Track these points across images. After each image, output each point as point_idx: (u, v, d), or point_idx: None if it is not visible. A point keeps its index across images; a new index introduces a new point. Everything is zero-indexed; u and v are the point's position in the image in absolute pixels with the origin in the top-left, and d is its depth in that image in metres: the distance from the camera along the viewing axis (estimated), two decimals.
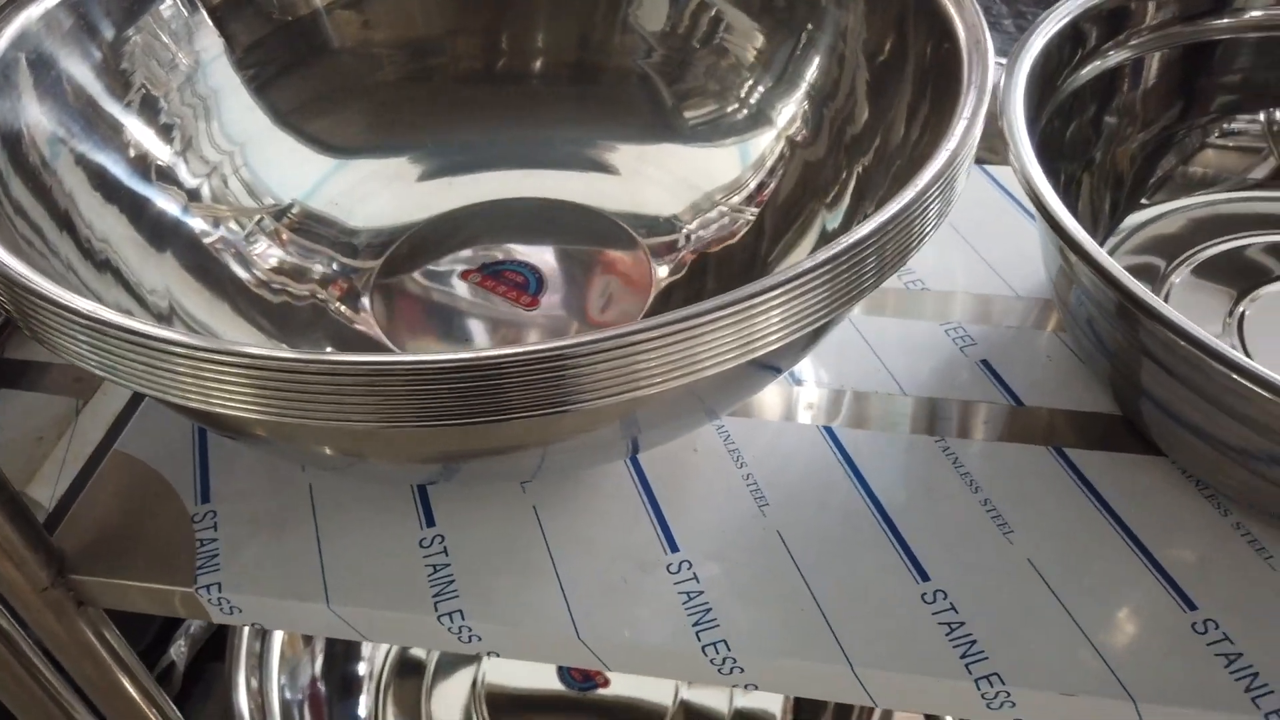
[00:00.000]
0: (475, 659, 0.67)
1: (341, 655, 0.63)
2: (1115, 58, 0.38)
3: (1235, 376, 0.27)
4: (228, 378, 0.24)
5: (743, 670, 0.31)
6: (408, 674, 0.65)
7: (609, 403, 0.24)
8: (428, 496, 0.35)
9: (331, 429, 0.27)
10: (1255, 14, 0.38)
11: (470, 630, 0.32)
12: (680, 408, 0.30)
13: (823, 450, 0.37)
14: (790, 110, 0.38)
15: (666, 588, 0.33)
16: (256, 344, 0.35)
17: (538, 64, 0.40)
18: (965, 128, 0.29)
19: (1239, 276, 0.41)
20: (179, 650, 0.58)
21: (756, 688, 0.32)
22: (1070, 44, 0.37)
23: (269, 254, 0.37)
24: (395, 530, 0.34)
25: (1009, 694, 0.30)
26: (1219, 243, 0.41)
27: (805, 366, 0.40)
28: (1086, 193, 0.39)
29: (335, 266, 0.39)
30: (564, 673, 0.66)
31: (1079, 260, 0.30)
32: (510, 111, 0.40)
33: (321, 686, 0.60)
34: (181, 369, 0.24)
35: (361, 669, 0.64)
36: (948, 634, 0.31)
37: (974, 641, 0.31)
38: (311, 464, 0.35)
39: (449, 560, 0.34)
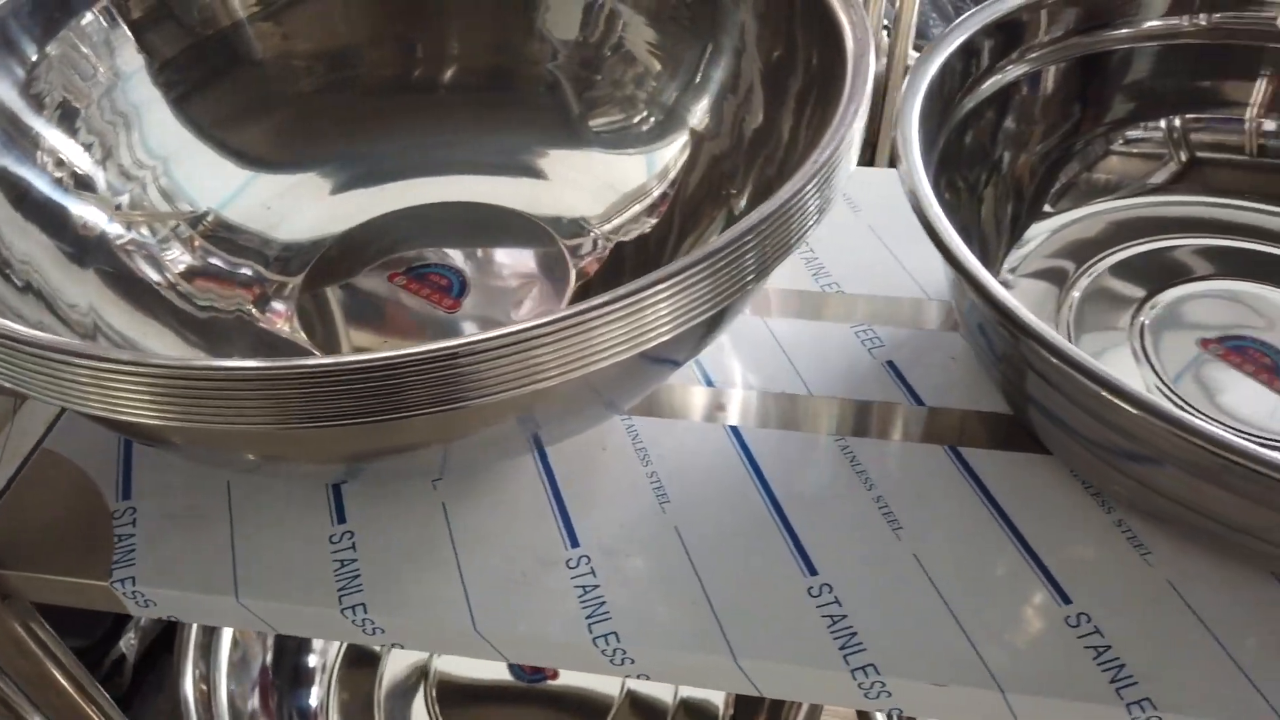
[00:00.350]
0: (427, 652, 0.68)
1: (294, 647, 0.65)
2: (1014, 71, 0.39)
3: (1095, 388, 0.28)
4: (130, 386, 0.25)
5: (633, 661, 0.33)
6: (360, 665, 0.67)
7: (504, 398, 0.25)
8: (341, 495, 0.37)
9: (233, 432, 0.28)
10: (1153, 24, 0.39)
11: (373, 623, 0.33)
12: (578, 402, 0.31)
13: (727, 449, 0.38)
14: (700, 110, 0.39)
15: (564, 582, 0.34)
16: (160, 353, 0.36)
17: (451, 72, 0.41)
18: (840, 133, 0.30)
19: (1147, 279, 0.42)
20: (129, 643, 0.59)
21: (649, 678, 0.33)
22: (970, 59, 0.38)
23: (182, 260, 0.38)
24: (307, 527, 0.36)
25: (884, 684, 0.31)
26: (1126, 247, 0.42)
27: (716, 367, 0.41)
28: (990, 203, 0.40)
29: (260, 277, 0.40)
30: (514, 664, 0.67)
31: (956, 274, 0.31)
32: (430, 119, 0.42)
33: (271, 677, 0.61)
34: (84, 378, 0.25)
35: (313, 660, 0.65)
36: (830, 626, 0.32)
37: (854, 633, 0.32)
38: (223, 466, 0.36)
39: (356, 556, 0.35)
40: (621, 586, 0.34)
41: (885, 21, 0.88)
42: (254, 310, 0.40)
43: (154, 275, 0.37)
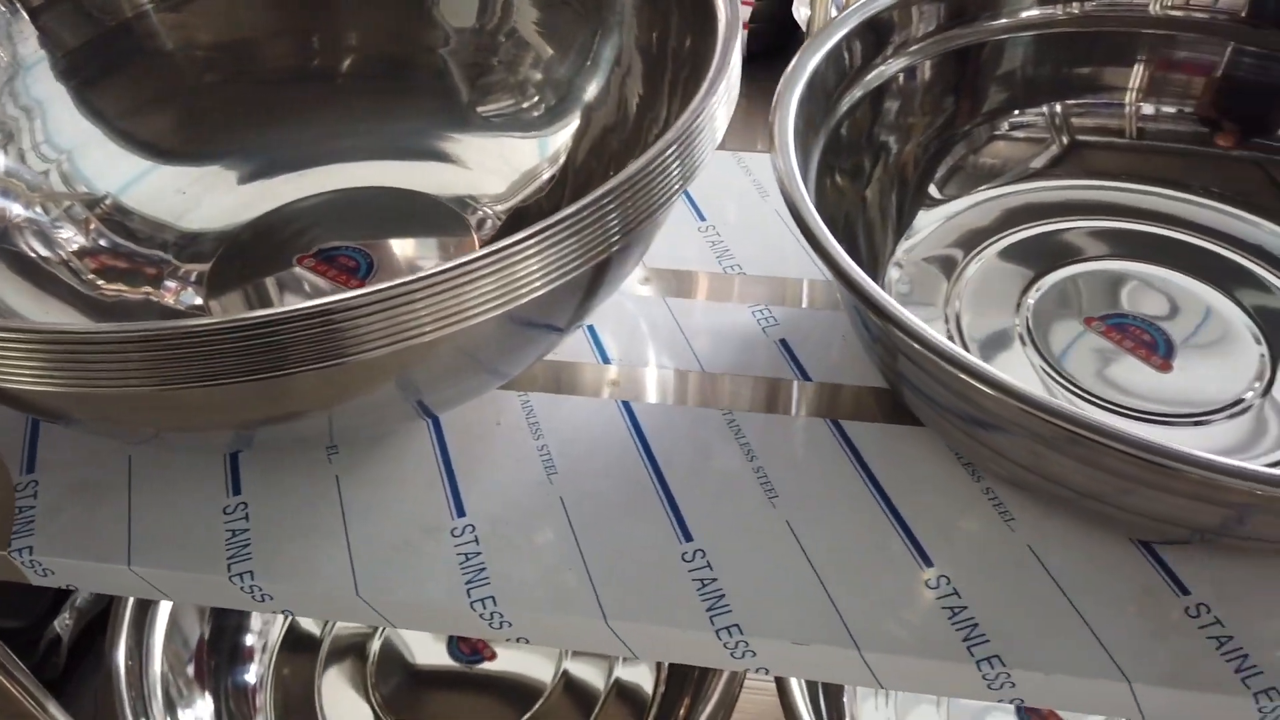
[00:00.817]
0: (369, 634, 0.69)
1: (233, 626, 0.66)
2: (895, 64, 0.40)
3: (946, 366, 0.29)
4: (12, 352, 0.26)
5: (510, 624, 0.34)
6: (300, 648, 0.68)
7: (382, 355, 0.26)
8: (238, 469, 0.38)
9: (115, 396, 0.29)
10: (1030, 14, 0.40)
11: (260, 589, 0.34)
12: (460, 366, 0.32)
13: (618, 423, 0.39)
14: (593, 89, 0.41)
15: (447, 549, 0.35)
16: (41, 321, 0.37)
17: (350, 62, 0.42)
18: (702, 107, 0.31)
19: (1033, 263, 0.43)
20: (64, 623, 0.60)
21: (528, 641, 0.34)
22: (850, 53, 0.39)
23: (76, 240, 0.39)
24: (202, 499, 0.37)
25: (747, 643, 0.33)
26: (1013, 232, 0.43)
27: (614, 345, 0.42)
28: (876, 192, 0.41)
29: (167, 262, 0.41)
30: (453, 646, 0.69)
31: (818, 258, 0.32)
32: (331, 108, 0.43)
33: (208, 654, 0.62)
34: None
35: (251, 640, 0.66)
36: (699, 589, 0.34)
37: (722, 595, 0.33)
38: (118, 438, 0.37)
39: (249, 526, 0.36)
40: (502, 553, 0.35)
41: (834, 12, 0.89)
42: (161, 294, 0.41)
43: (45, 252, 0.37)
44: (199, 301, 0.41)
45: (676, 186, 0.30)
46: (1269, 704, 0.30)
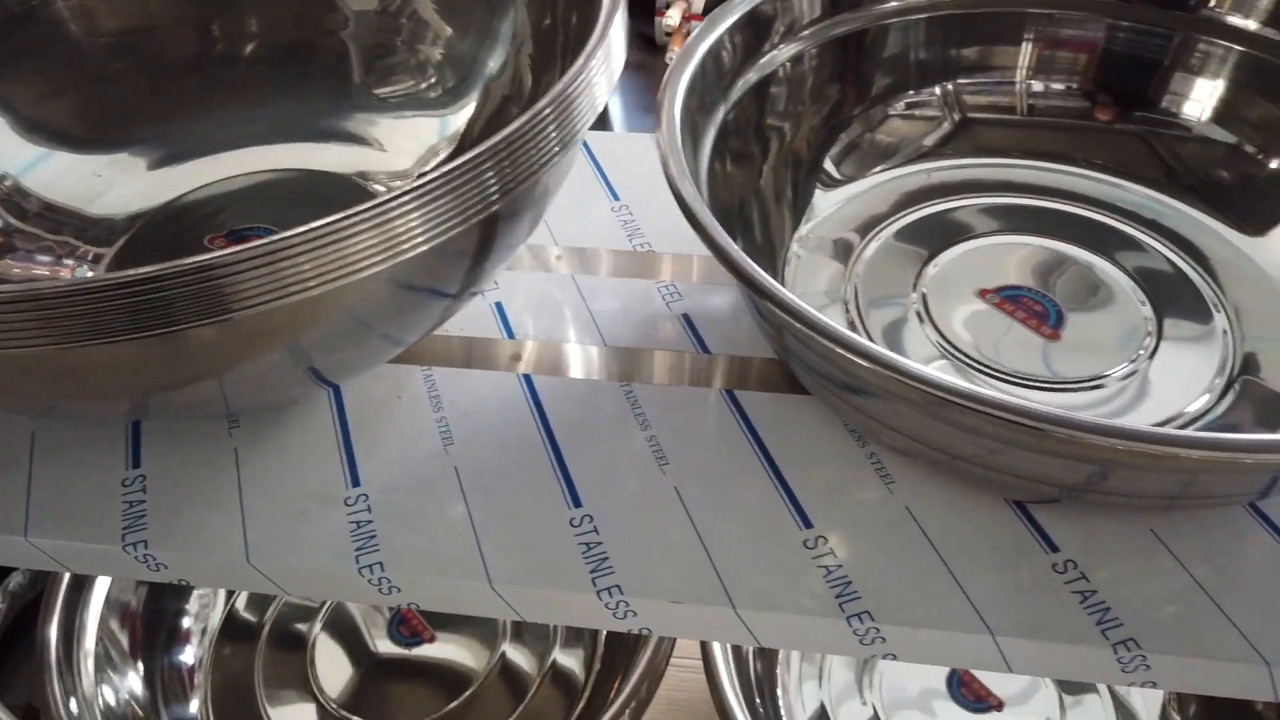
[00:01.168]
0: (310, 620, 0.70)
1: (171, 611, 0.66)
2: (787, 49, 0.41)
3: (815, 335, 0.30)
4: None
5: (399, 589, 0.34)
6: (240, 632, 0.68)
7: (266, 309, 0.26)
8: (139, 442, 0.38)
9: (12, 358, 0.30)
10: None
11: (154, 559, 0.35)
12: (348, 328, 0.33)
13: (517, 396, 0.40)
14: (494, 63, 0.41)
15: (340, 518, 0.36)
16: None
17: (252, 47, 0.43)
18: (578, 74, 0.32)
19: (928, 241, 0.43)
20: None
21: (418, 606, 0.35)
22: (742, 37, 0.40)
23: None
24: (101, 472, 0.37)
25: (628, 603, 0.33)
26: (909, 213, 0.44)
27: (519, 321, 0.43)
28: (771, 175, 0.42)
29: (73, 247, 0.42)
30: (393, 629, 0.69)
31: (695, 231, 0.33)
32: (239, 93, 0.43)
33: (143, 637, 0.63)
34: None
35: (189, 623, 0.66)
36: (584, 552, 0.34)
37: (606, 558, 0.34)
38: (14, 409, 0.38)
39: (146, 498, 0.36)
40: (393, 521, 0.35)
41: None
42: (57, 272, 0.41)
43: None
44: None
45: (556, 150, 0.31)
46: (1127, 654, 0.31)
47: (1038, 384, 0.39)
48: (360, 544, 0.35)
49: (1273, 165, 0.40)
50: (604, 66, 0.33)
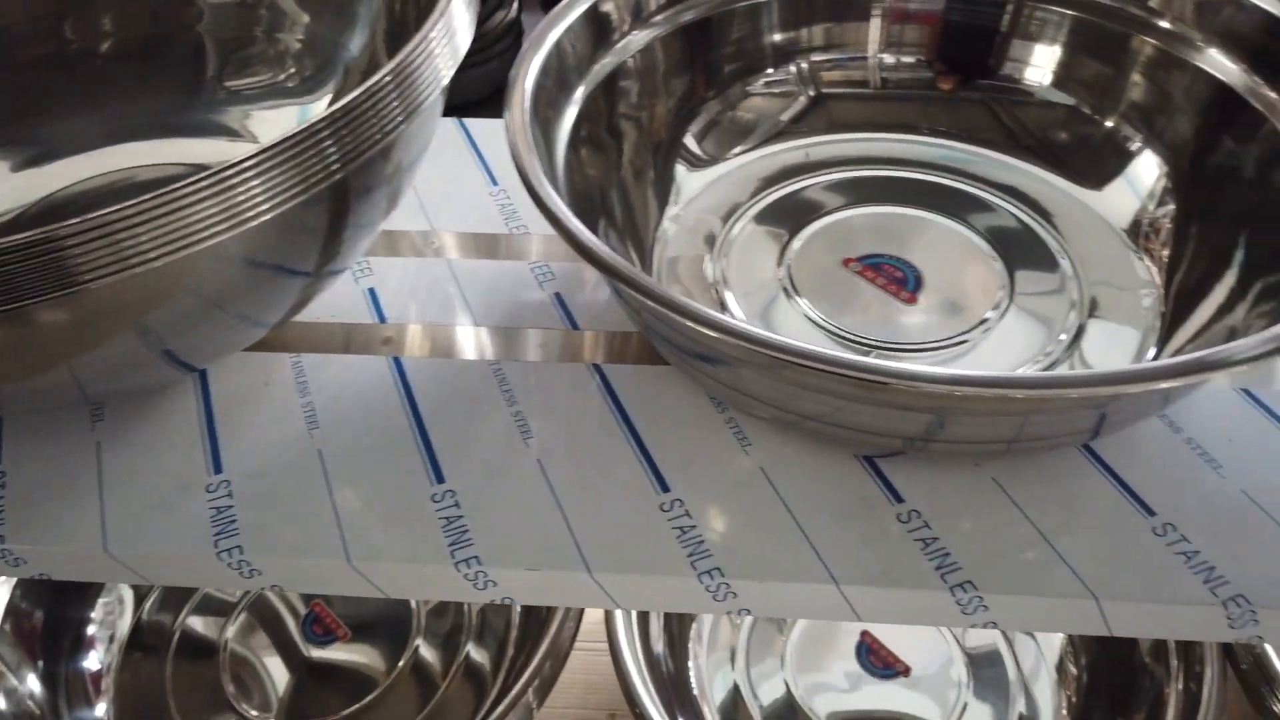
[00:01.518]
0: (222, 622, 0.69)
1: (77, 619, 0.65)
2: (639, 35, 0.41)
3: (653, 305, 0.30)
4: None
5: (260, 572, 0.35)
6: (150, 640, 0.67)
7: (111, 281, 0.26)
8: (0, 439, 0.38)
9: None
10: None
11: (11, 553, 0.35)
12: (200, 308, 0.32)
13: (386, 379, 0.40)
14: (355, 45, 0.42)
15: (200, 505, 0.36)
16: None
17: (109, 45, 0.42)
18: (417, 46, 0.32)
19: (789, 220, 0.44)
20: None
21: (282, 588, 0.35)
22: (601, 19, 0.41)
23: None
24: None
25: (486, 573, 0.34)
26: (769, 194, 0.45)
27: (392, 305, 0.43)
28: (632, 158, 0.42)
29: None
30: (307, 628, 0.69)
31: (541, 211, 0.34)
32: (101, 90, 0.43)
33: (43, 642, 0.62)
34: None
35: (94, 630, 0.66)
36: (445, 526, 0.35)
37: (466, 531, 0.35)
38: None
39: (4, 494, 0.36)
40: (255, 506, 0.35)
41: None
42: None
43: None
44: None
45: (400, 120, 0.31)
46: (964, 596, 0.33)
47: (902, 348, 0.41)
48: (220, 529, 0.35)
49: (1108, 124, 0.42)
50: (446, 40, 0.33)
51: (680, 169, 0.44)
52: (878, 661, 0.68)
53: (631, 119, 0.42)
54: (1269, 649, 0.58)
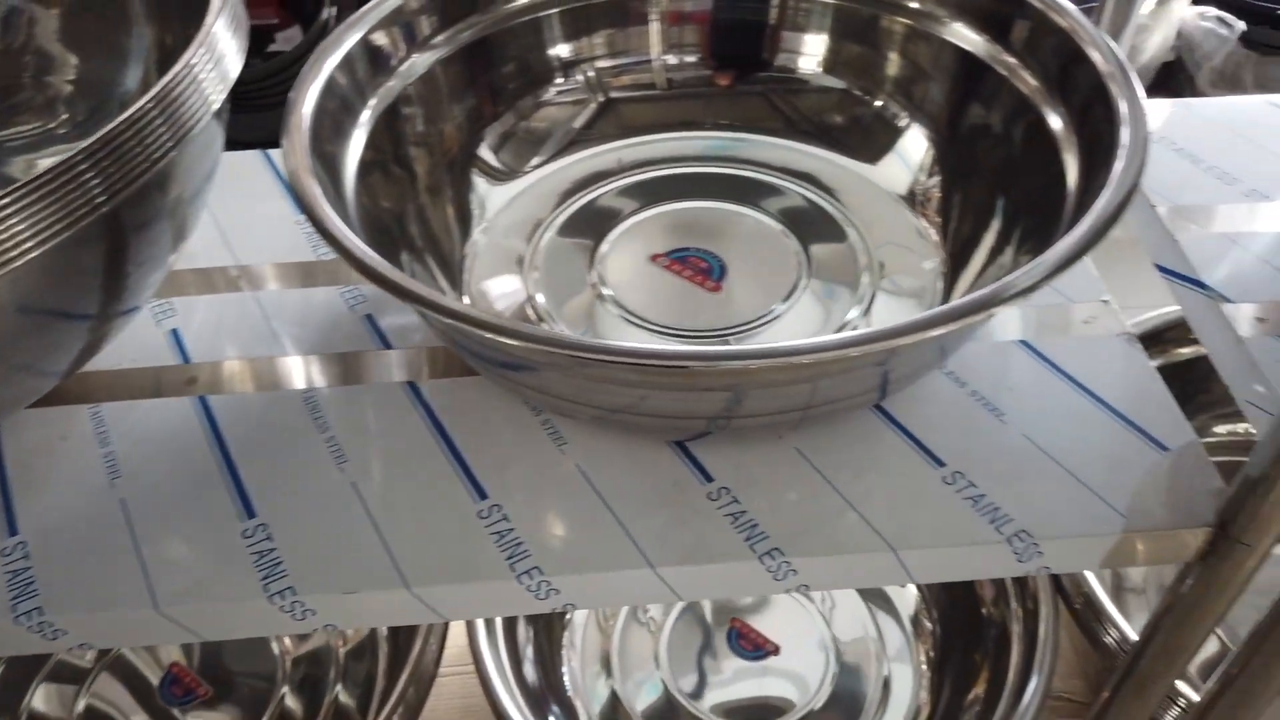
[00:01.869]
0: (75, 692, 0.66)
1: None
2: (424, 57, 0.41)
3: (436, 315, 0.31)
4: None
5: (65, 632, 0.33)
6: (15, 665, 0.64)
7: None
8: None
9: None
10: None
11: None
12: None
13: (192, 420, 0.39)
14: (132, 79, 0.41)
15: None
16: None
17: None
18: (176, 72, 0.31)
19: (592, 229, 0.45)
20: None
21: (89, 646, 0.34)
22: (370, 54, 0.41)
23: None
24: None
25: (303, 603, 0.33)
26: (568, 206, 0.45)
27: (195, 343, 0.42)
28: (425, 184, 0.42)
29: None
30: (165, 691, 0.66)
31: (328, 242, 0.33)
32: None
33: None
34: None
35: None
36: (257, 561, 0.34)
37: (279, 563, 0.34)
38: None
39: None
40: (53, 564, 0.34)
41: None
42: None
43: None
44: None
45: (168, 147, 0.31)
46: (773, 563, 0.34)
47: (715, 333, 0.42)
48: (17, 593, 0.33)
49: (877, 104, 0.44)
50: (212, 65, 0.33)
51: (481, 183, 0.44)
52: (748, 645, 0.69)
53: (420, 144, 0.42)
54: (1097, 588, 0.62)
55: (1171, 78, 1.20)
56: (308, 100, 0.38)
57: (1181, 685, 0.57)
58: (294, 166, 0.35)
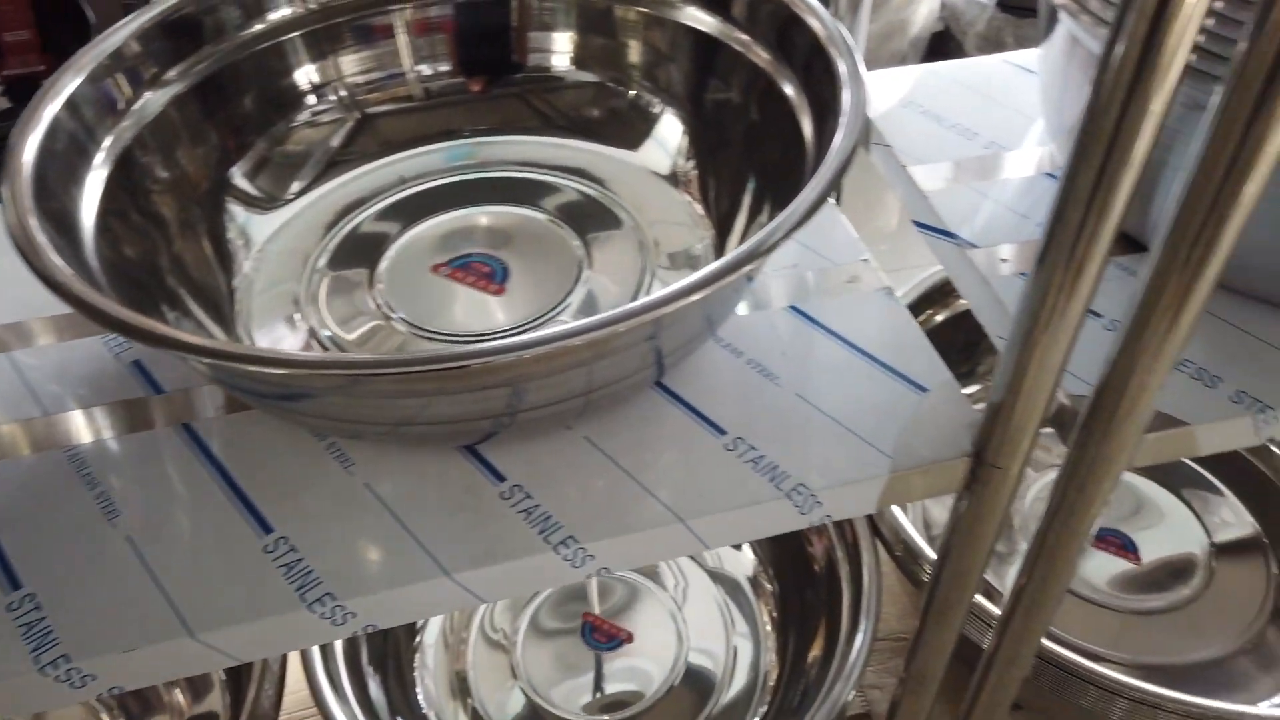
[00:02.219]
0: None
1: None
2: (158, 95, 0.40)
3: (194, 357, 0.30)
4: None
5: None
6: None
7: None
8: None
9: None
10: (280, 15, 0.42)
11: None
12: None
13: None
14: None
15: None
16: None
17: None
18: None
19: (361, 257, 0.44)
20: None
21: None
22: (97, 95, 0.39)
23: None
24: None
25: (80, 669, 0.31)
26: (334, 235, 0.44)
27: None
28: (177, 227, 0.40)
29: None
30: None
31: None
32: None
33: None
34: None
35: None
36: (25, 633, 0.32)
37: (50, 632, 0.32)
38: None
39: None
40: None
41: None
42: None
43: None
44: None
45: None
46: (568, 552, 0.34)
47: (503, 335, 0.42)
48: None
49: (631, 94, 0.45)
50: None
51: (240, 212, 0.43)
52: (602, 637, 0.70)
53: (165, 188, 0.40)
54: (913, 533, 0.65)
55: (943, 45, 1.28)
56: (29, 146, 0.36)
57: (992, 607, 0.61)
58: (14, 218, 0.33)
